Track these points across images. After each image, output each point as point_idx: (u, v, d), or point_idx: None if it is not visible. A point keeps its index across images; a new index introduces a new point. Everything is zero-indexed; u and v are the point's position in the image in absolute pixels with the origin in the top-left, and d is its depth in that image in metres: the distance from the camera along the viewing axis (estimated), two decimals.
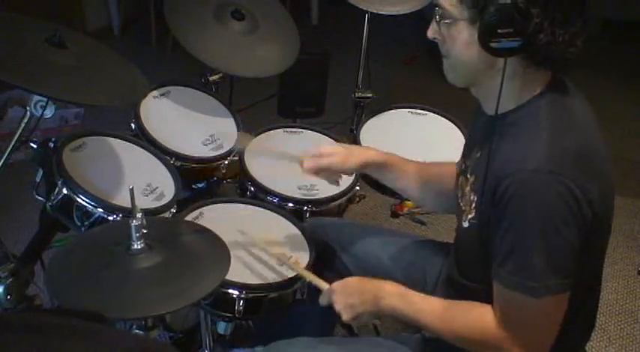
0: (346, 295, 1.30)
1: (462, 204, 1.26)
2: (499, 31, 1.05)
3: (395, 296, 1.27)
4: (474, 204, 1.19)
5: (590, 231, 1.09)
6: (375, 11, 2.10)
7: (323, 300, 1.34)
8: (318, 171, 1.47)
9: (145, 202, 1.54)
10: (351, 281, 1.33)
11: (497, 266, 1.12)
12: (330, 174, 1.50)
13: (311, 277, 1.41)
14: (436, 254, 1.54)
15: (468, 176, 1.25)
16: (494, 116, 1.15)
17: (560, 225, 1.06)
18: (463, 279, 1.31)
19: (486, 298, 1.17)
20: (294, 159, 1.51)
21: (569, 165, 1.07)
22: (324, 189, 1.74)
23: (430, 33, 1.19)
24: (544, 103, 1.13)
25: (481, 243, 1.17)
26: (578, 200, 1.05)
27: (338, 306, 1.30)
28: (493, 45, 1.06)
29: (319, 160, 1.46)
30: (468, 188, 1.23)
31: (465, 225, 1.23)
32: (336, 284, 1.33)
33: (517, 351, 1.13)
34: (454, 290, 1.34)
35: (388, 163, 1.50)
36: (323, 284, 1.37)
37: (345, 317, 1.29)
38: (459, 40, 1.13)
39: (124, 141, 1.69)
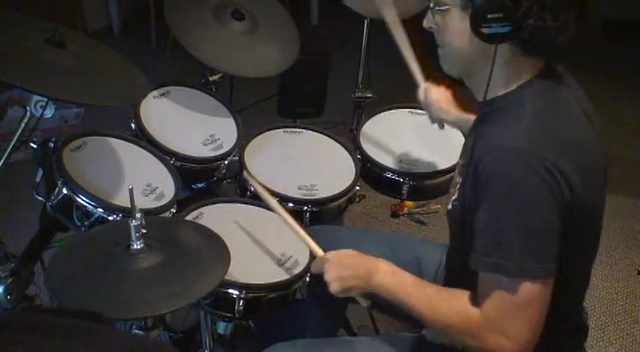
0: (339, 267, 1.29)
1: (450, 188, 1.27)
2: (489, 16, 1.06)
3: (388, 274, 1.25)
4: (457, 186, 1.20)
5: (573, 218, 1.08)
6: (374, 16, 2.10)
7: (315, 268, 1.33)
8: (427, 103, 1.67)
9: (144, 202, 1.54)
10: (347, 254, 1.31)
11: (474, 252, 1.10)
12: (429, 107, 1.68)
13: (308, 241, 1.39)
14: (433, 254, 1.54)
15: (460, 161, 1.27)
16: (483, 102, 1.16)
17: (537, 206, 1.05)
18: (456, 268, 1.31)
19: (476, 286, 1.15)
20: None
21: (549, 147, 1.06)
22: (324, 189, 1.74)
23: (426, 22, 1.21)
24: (532, 91, 1.13)
25: (463, 226, 1.17)
26: (558, 181, 1.05)
27: (328, 276, 1.28)
28: (484, 30, 1.08)
29: (429, 102, 1.66)
30: (456, 171, 1.25)
31: (449, 207, 1.24)
32: (332, 254, 1.32)
33: (498, 342, 1.09)
34: (450, 284, 1.34)
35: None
36: (318, 251, 1.36)
37: (334, 288, 1.27)
38: (452, 28, 1.15)
39: (124, 141, 1.69)
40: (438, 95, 1.65)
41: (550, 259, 1.07)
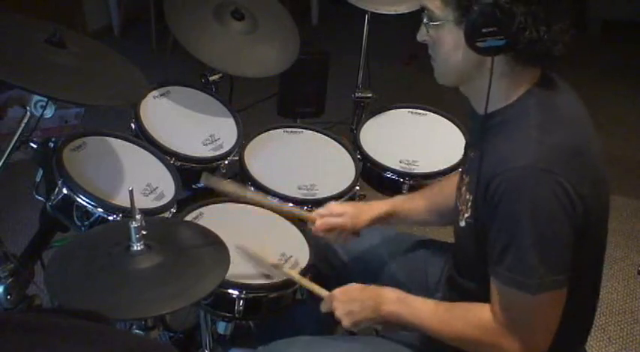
0: (347, 302, 1.30)
1: (458, 205, 1.26)
2: (483, 30, 1.06)
3: (394, 302, 1.27)
4: (469, 203, 1.20)
5: (584, 227, 1.09)
6: (374, 10, 2.10)
7: (324, 307, 1.34)
8: (330, 230, 1.48)
9: (144, 202, 1.54)
10: (352, 289, 1.33)
11: (494, 265, 1.12)
12: (339, 233, 1.50)
13: (308, 284, 1.40)
14: (437, 254, 1.54)
15: (464, 176, 1.26)
16: (485, 115, 1.16)
17: (553, 223, 1.06)
18: (462, 279, 1.31)
19: (485, 297, 1.17)
20: (303, 216, 1.53)
21: (561, 161, 1.07)
22: (324, 189, 1.74)
23: (419, 36, 1.21)
24: (533, 101, 1.14)
25: (477, 242, 1.18)
26: (570, 197, 1.06)
27: (339, 313, 1.30)
28: (479, 44, 1.08)
29: (330, 220, 1.48)
30: (464, 188, 1.24)
31: (462, 224, 1.24)
32: (337, 291, 1.33)
33: (515, 348, 1.13)
34: (455, 291, 1.34)
35: (396, 211, 1.54)
36: (322, 292, 1.37)
37: (346, 323, 1.29)
38: (446, 42, 1.15)
39: (124, 141, 1.69)
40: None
41: (564, 270, 1.09)
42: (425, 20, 1.17)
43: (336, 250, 1.59)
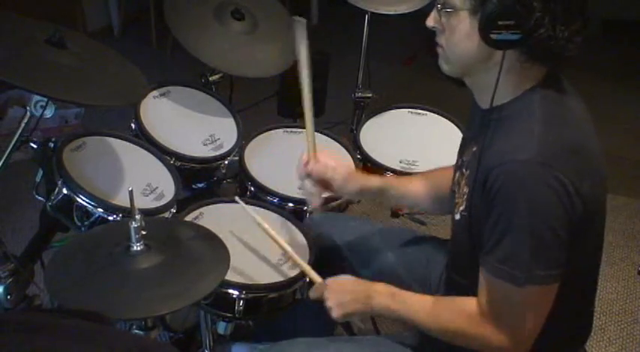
0: (339, 293, 1.31)
1: (456, 198, 1.26)
2: (500, 22, 1.04)
3: (385, 295, 1.28)
4: (465, 196, 1.20)
5: (582, 225, 1.09)
6: (374, 10, 2.10)
7: (313, 294, 1.35)
8: (318, 177, 1.47)
9: (144, 202, 1.54)
10: (346, 281, 1.34)
11: (485, 255, 1.12)
12: (322, 187, 1.48)
13: (307, 269, 1.41)
14: (439, 252, 1.53)
15: (464, 171, 1.25)
16: (488, 109, 1.15)
17: (548, 217, 1.06)
18: (457, 276, 1.32)
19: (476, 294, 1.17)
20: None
21: (561, 158, 1.07)
22: None
23: (430, 21, 1.18)
24: (538, 97, 1.13)
25: (470, 235, 1.18)
26: (569, 193, 1.05)
27: (329, 303, 1.31)
28: (493, 36, 1.06)
29: (325, 169, 1.46)
30: (463, 182, 1.24)
31: (457, 217, 1.24)
32: (330, 281, 1.34)
33: (502, 341, 1.13)
34: (453, 290, 1.34)
35: (385, 191, 1.52)
36: (316, 278, 1.38)
37: (335, 314, 1.30)
38: (458, 30, 1.13)
39: (124, 141, 1.69)
40: (328, 171, 1.48)
41: (556, 266, 1.09)
42: (438, 6, 1.15)
43: (336, 243, 1.59)
